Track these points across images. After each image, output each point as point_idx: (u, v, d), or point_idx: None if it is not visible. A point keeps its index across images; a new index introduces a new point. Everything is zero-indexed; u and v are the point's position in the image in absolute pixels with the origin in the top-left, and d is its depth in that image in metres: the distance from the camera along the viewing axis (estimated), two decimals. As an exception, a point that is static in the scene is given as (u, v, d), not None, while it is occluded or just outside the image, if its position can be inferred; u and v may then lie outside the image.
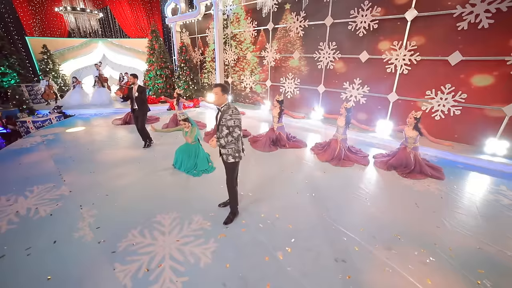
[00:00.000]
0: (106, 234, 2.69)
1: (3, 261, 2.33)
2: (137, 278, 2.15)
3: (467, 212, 3.24)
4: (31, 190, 3.56)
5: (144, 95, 4.91)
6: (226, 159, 2.62)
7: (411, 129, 4.17)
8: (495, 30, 4.44)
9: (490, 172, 4.38)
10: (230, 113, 2.42)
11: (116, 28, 11.75)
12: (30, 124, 7.07)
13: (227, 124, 2.44)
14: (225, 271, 2.25)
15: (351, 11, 5.92)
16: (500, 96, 4.63)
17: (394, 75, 5.67)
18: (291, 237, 2.70)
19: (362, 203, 3.40)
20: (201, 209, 3.16)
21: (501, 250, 2.57)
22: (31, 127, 7.11)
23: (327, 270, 2.29)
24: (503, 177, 4.20)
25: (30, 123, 7.07)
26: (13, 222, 2.87)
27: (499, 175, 4.29)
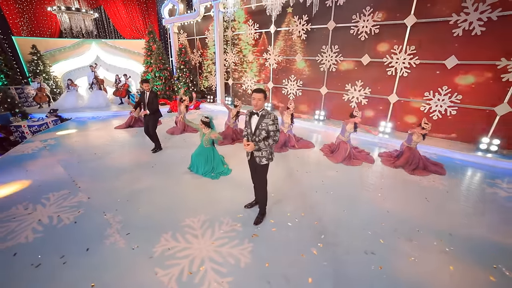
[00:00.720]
0: (138, 240, 2.69)
1: (41, 270, 2.28)
2: (182, 281, 2.19)
3: (472, 204, 3.54)
4: (47, 198, 3.46)
5: (156, 100, 4.88)
6: (260, 161, 2.71)
7: (419, 136, 4.42)
8: (486, 37, 4.83)
9: (485, 167, 4.76)
10: (272, 119, 2.51)
11: (110, 29, 11.41)
12: (25, 129, 6.76)
13: (267, 129, 2.53)
14: (266, 269, 2.34)
15: (353, 16, 6.18)
16: (491, 97, 5.04)
17: (395, 78, 6.00)
18: (320, 234, 2.84)
19: (377, 199, 3.61)
20: (228, 211, 3.22)
21: (507, 237, 2.85)
22: (27, 132, 6.80)
23: (360, 263, 2.44)
24: (496, 172, 4.59)
25: (26, 128, 6.76)
26: (38, 231, 2.80)
27: (492, 170, 4.68)
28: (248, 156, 2.83)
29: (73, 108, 8.76)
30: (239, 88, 9.80)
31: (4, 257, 2.42)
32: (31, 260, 2.39)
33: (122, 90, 9.49)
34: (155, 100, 4.87)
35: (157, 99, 4.95)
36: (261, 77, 8.94)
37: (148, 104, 4.84)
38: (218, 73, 9.66)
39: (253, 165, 2.82)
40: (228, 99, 9.96)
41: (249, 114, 2.67)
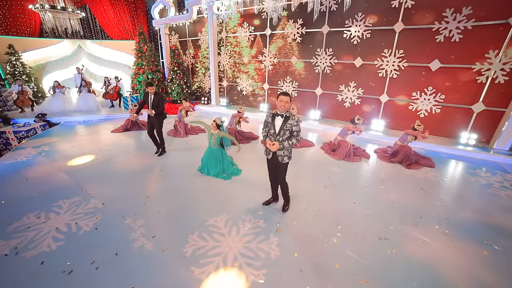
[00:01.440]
0: (166, 242, 2.74)
1: (75, 276, 2.27)
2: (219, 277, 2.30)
3: (460, 192, 4.00)
4: (59, 205, 3.35)
5: (162, 103, 4.85)
6: (282, 160, 2.89)
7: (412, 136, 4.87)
8: (463, 43, 5.42)
9: (466, 159, 5.33)
10: (296, 120, 2.71)
11: (97, 29, 10.93)
12: (10, 135, 6.33)
13: (291, 129, 2.72)
14: (296, 259, 2.52)
15: (346, 21, 6.57)
16: (469, 97, 5.66)
17: (385, 79, 6.47)
18: (336, 225, 3.07)
19: (381, 191, 3.94)
20: (247, 209, 3.36)
21: (492, 218, 3.29)
22: (12, 138, 6.37)
23: (376, 248, 2.71)
24: (476, 163, 5.17)
25: (11, 134, 6.33)
26: (60, 239, 2.74)
27: (472, 161, 5.26)
28: (269, 155, 3.00)
29: (61, 112, 8.32)
30: (234, 90, 9.90)
31: (32, 266, 2.36)
32: (61, 267, 2.36)
33: (113, 93, 9.17)
34: (161, 103, 4.84)
35: (164, 102, 4.93)
36: (257, 79, 9.11)
37: (153, 106, 4.81)
38: (212, 75, 9.68)
39: (275, 163, 3.00)
40: (224, 101, 10.02)
41: (271, 116, 2.83)
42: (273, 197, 3.49)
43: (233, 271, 2.36)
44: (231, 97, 10.12)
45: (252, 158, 5.11)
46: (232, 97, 10.11)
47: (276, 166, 3.02)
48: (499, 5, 4.95)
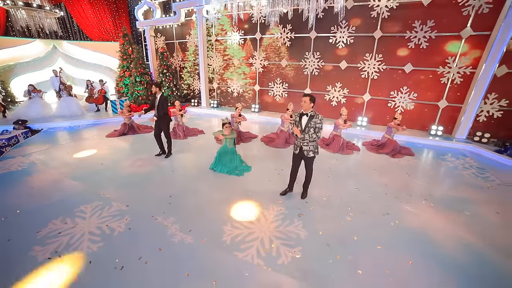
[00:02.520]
0: (203, 234, 2.95)
1: (127, 271, 2.40)
2: (262, 257, 2.62)
3: (437, 174, 4.82)
4: (81, 211, 3.34)
5: (166, 104, 4.95)
6: (307, 154, 3.33)
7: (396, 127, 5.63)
8: (429, 50, 6.40)
9: (435, 148, 6.30)
10: (320, 119, 3.14)
11: (74, 29, 10.24)
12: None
13: (315, 126, 3.15)
14: (321, 236, 2.94)
15: (331, 28, 7.25)
16: (436, 95, 6.67)
17: (367, 80, 7.28)
18: (346, 207, 3.57)
19: (375, 177, 4.57)
20: (268, 199, 3.70)
21: (462, 192, 4.09)
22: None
23: (382, 222, 3.25)
24: (443, 150, 6.15)
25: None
26: (97, 241, 2.79)
27: (440, 149, 6.23)
28: (296, 150, 3.42)
29: (40, 118, 7.75)
30: (225, 91, 10.10)
31: (81, 266, 2.43)
32: (111, 265, 2.47)
33: (99, 96, 8.76)
34: (165, 104, 4.94)
35: (167, 103, 5.02)
36: (248, 81, 9.44)
37: (158, 107, 4.89)
38: (202, 77, 9.78)
39: (301, 157, 3.43)
40: (214, 102, 10.15)
41: (299, 115, 3.25)
42: (289, 187, 3.88)
43: (272, 251, 2.69)
44: (222, 98, 10.30)
45: (257, 156, 5.45)
46: (222, 98, 10.29)
47: (303, 159, 3.44)
48: (454, 20, 5.98)
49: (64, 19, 9.71)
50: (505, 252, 2.77)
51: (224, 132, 4.45)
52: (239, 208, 3.47)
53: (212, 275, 2.38)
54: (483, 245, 2.87)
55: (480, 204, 3.74)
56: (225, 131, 4.44)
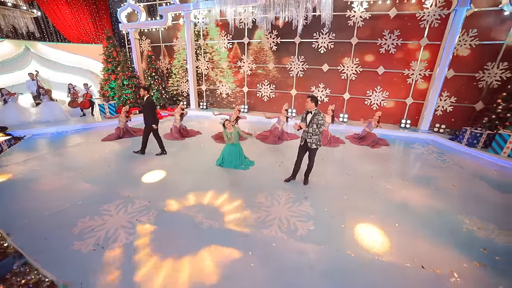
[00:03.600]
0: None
1: (172, 254, 2.73)
2: (284, 231, 3.11)
3: (408, 159, 5.78)
4: (106, 209, 3.51)
5: (153, 105, 5.13)
6: (310, 146, 3.91)
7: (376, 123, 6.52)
8: (397, 55, 7.48)
9: (405, 138, 7.39)
10: (322, 116, 3.73)
11: (50, 30, 9.63)
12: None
13: (318, 123, 3.73)
14: (327, 212, 3.54)
15: (314, 34, 8.02)
16: (404, 93, 7.81)
17: (346, 81, 8.20)
18: (342, 189, 4.24)
19: (361, 165, 5.34)
20: (275, 187, 4.21)
21: (428, 172, 5.04)
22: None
23: (374, 197, 3.96)
24: (411, 140, 7.25)
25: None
26: (132, 233, 3.04)
27: (409, 139, 7.33)
28: (302, 142, 4.02)
29: (19, 124, 7.31)
30: (214, 93, 10.39)
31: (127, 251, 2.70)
32: (157, 249, 2.77)
33: (84, 100, 8.47)
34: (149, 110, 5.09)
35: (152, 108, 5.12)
36: (236, 83, 9.86)
37: (143, 110, 5.13)
38: (191, 80, 9.96)
39: (305, 148, 4.02)
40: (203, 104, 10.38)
41: (305, 113, 3.84)
42: (293, 176, 4.44)
43: (290, 227, 3.21)
44: (211, 100, 10.56)
45: (256, 152, 5.92)
46: (211, 100, 10.56)
47: (307, 150, 4.03)
48: (414, 31, 7.11)
49: (38, 19, 9.12)
50: (459, 211, 3.64)
51: (228, 130, 4.85)
52: (254, 196, 3.92)
53: (246, 248, 2.82)
54: (444, 208, 3.73)
55: (441, 180, 4.69)
56: (228, 129, 4.84)
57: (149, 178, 4.54)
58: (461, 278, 2.48)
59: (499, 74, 6.58)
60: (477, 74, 6.89)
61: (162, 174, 4.72)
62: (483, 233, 3.17)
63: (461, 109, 7.37)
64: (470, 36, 6.66)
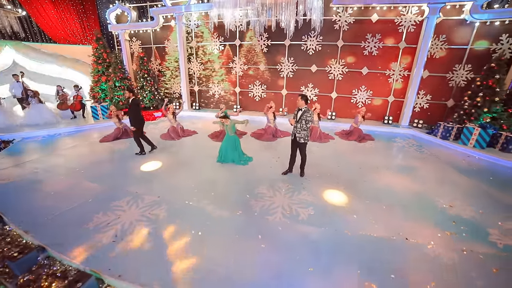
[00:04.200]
0: (236, 208, 3.65)
1: (187, 241, 2.97)
2: (287, 217, 3.46)
3: (391, 152, 6.39)
4: (117, 205, 3.66)
5: (137, 107, 5.29)
6: (299, 140, 4.30)
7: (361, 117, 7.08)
8: (379, 57, 8.13)
9: (388, 133, 8.05)
10: (310, 113, 4.13)
11: (34, 30, 9.28)
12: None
13: (306, 119, 4.13)
14: (324, 199, 3.94)
15: (302, 37, 8.48)
16: (386, 92, 8.48)
17: (334, 81, 8.75)
18: (335, 178, 4.67)
19: (350, 157, 5.84)
20: (275, 179, 4.56)
21: (409, 161, 5.64)
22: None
23: (363, 184, 4.42)
24: (394, 135, 7.93)
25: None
26: (147, 225, 3.24)
27: (392, 134, 8.01)
28: (292, 136, 4.36)
29: (6, 128, 7.09)
30: (206, 94, 10.57)
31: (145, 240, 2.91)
32: (171, 237, 3.00)
33: (75, 102, 8.32)
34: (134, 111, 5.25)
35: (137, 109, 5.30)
36: (229, 84, 10.11)
37: (128, 111, 5.30)
38: (183, 81, 10.07)
39: (296, 143, 4.38)
40: (196, 104, 10.52)
41: (297, 110, 4.20)
42: (289, 168, 4.82)
43: (293, 212, 3.57)
44: (203, 100, 10.73)
45: (252, 149, 6.23)
46: (204, 100, 10.72)
47: (297, 145, 4.39)
48: (394, 35, 7.78)
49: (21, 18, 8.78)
50: (435, 193, 4.20)
51: (225, 123, 5.14)
52: (256, 188, 4.24)
53: (255, 233, 3.13)
54: (423, 191, 4.28)
55: (420, 169, 5.28)
56: (225, 122, 5.12)
57: (153, 175, 4.71)
58: (436, 245, 2.96)
59: (465, 75, 7.41)
60: (448, 74, 7.70)
61: (163, 171, 4.90)
62: (453, 210, 3.72)
63: (435, 105, 8.16)
64: (440, 41, 7.43)
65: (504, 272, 2.61)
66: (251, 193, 4.09)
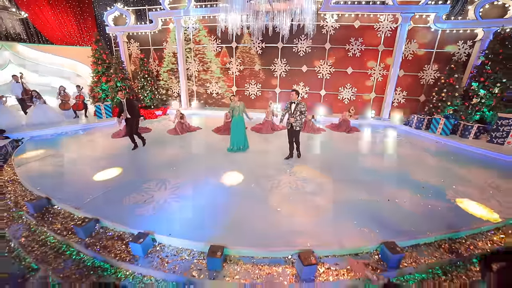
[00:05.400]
0: (251, 181, 4.36)
1: (218, 209, 3.63)
2: (293, 189, 4.21)
3: (376, 140, 7.40)
4: (148, 187, 4.19)
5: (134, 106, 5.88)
6: (295, 128, 5.10)
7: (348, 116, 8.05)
8: (362, 58, 9.18)
9: (371, 125, 9.13)
10: (303, 105, 4.93)
11: (31, 31, 9.31)
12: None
13: (300, 110, 4.92)
14: (319, 176, 4.74)
15: (294, 40, 9.34)
16: (368, 89, 9.56)
17: (322, 80, 9.70)
18: (329, 163, 5.50)
19: (342, 146, 6.74)
20: (279, 162, 5.32)
21: (391, 147, 6.65)
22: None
23: (352, 168, 5.28)
24: (376, 126, 9.01)
25: (-21, 154, 5.50)
26: (179, 201, 3.85)
27: (375, 126, 9.09)
28: (289, 126, 5.14)
29: (13, 127, 7.24)
30: (204, 93, 11.12)
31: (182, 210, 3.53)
32: (204, 208, 3.65)
33: (78, 102, 8.55)
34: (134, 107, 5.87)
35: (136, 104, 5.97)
36: (225, 83, 10.75)
37: (128, 110, 5.78)
38: (182, 81, 10.56)
39: (292, 131, 5.19)
40: (194, 103, 11.03)
41: (289, 103, 4.98)
42: (290, 154, 5.59)
43: (297, 188, 4.33)
44: (201, 99, 11.26)
45: (255, 141, 6.94)
46: (202, 99, 11.26)
47: (293, 132, 5.19)
48: (373, 39, 8.85)
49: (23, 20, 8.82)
50: (410, 170, 5.16)
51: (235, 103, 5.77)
52: (266, 171, 4.96)
53: (272, 204, 3.85)
54: (401, 169, 5.22)
55: (399, 152, 6.29)
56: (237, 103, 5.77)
57: (170, 164, 5.27)
58: (409, 202, 3.87)
59: (433, 74, 8.64)
60: (419, 73, 8.90)
61: (181, 159, 5.48)
62: (423, 180, 4.68)
63: (410, 101, 9.35)
64: (412, 45, 8.60)
65: (453, 216, 3.55)
66: (265, 174, 4.80)
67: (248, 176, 4.69)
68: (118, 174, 4.73)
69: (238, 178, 4.63)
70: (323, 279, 2.62)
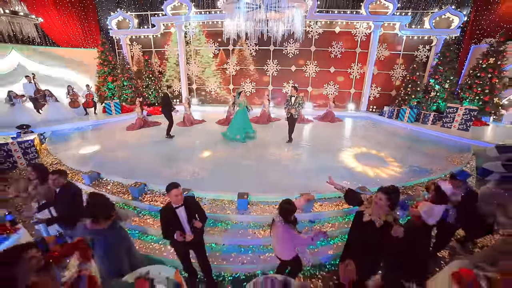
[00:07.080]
0: (259, 161, 5.51)
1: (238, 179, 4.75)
2: (293, 160, 5.42)
3: (356, 129, 8.84)
4: (177, 165, 5.24)
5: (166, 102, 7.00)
6: (294, 116, 6.35)
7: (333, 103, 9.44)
8: (342, 59, 10.64)
9: (352, 116, 10.61)
10: (301, 97, 6.17)
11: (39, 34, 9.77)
12: (14, 146, 6.18)
13: (299, 102, 6.16)
14: (314, 156, 6.00)
15: (284, 43, 10.62)
16: (348, 85, 11.05)
17: (309, 78, 11.07)
18: (319, 146, 6.79)
19: (327, 133, 8.08)
20: (279, 145, 6.53)
21: (368, 134, 8.09)
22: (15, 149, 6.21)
23: (339, 151, 6.61)
24: (356, 117, 10.51)
25: (14, 145, 6.19)
26: (199, 176, 4.92)
27: (355, 117, 10.58)
28: (288, 115, 6.35)
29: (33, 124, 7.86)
30: (203, 91, 12.11)
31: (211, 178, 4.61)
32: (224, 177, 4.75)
33: (88, 100, 9.26)
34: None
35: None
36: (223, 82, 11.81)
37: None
38: (183, 80, 11.48)
39: (291, 118, 6.39)
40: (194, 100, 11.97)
41: (289, 97, 6.20)
42: (290, 139, 6.82)
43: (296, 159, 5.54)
44: (201, 97, 12.24)
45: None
46: (201, 97, 12.24)
47: (292, 119, 6.41)
48: (351, 42, 10.34)
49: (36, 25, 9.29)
50: (384, 150, 6.57)
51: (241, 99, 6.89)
52: (268, 152, 6.13)
53: (276, 169, 5.03)
54: (378, 149, 6.62)
55: (375, 137, 7.73)
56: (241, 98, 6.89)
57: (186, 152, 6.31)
58: (381, 171, 5.21)
59: (400, 72, 10.28)
60: (390, 72, 10.51)
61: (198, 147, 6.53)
62: (392, 156, 6.08)
63: (384, 95, 10.96)
64: (383, 48, 10.19)
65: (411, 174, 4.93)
66: (266, 154, 5.98)
67: (253, 155, 5.85)
68: (149, 156, 5.70)
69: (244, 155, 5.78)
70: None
